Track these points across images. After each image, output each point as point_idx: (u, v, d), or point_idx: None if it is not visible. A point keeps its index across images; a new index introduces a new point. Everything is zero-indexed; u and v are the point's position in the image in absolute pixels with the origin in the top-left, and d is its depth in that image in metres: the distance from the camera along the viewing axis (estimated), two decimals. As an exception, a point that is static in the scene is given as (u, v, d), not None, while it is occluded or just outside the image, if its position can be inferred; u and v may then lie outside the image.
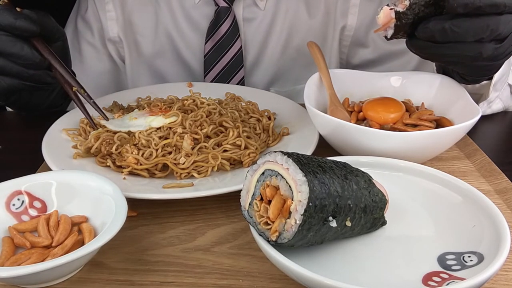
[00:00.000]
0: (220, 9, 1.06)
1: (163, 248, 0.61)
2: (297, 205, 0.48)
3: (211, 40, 1.08)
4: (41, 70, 0.79)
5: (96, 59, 1.16)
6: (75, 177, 0.63)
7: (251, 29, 1.10)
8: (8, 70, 0.77)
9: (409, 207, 0.62)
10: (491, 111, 0.98)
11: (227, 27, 1.07)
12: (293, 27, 1.10)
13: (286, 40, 1.11)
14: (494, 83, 0.86)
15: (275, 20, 1.09)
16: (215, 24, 1.07)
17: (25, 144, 0.85)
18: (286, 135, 0.84)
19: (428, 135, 0.69)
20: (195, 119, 0.80)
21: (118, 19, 1.13)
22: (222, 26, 1.07)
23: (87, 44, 1.16)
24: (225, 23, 1.07)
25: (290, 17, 1.09)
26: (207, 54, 1.09)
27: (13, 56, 0.76)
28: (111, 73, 1.18)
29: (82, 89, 0.82)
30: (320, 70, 0.84)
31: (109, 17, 1.13)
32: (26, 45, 0.76)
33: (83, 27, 1.16)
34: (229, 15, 1.06)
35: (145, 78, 1.16)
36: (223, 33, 1.07)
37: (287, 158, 0.50)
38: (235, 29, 1.07)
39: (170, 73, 1.15)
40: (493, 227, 0.53)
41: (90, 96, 0.82)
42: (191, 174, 0.72)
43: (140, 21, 1.12)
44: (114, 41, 1.15)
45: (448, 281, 0.50)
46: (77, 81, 0.82)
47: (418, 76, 0.85)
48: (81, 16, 1.16)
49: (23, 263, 0.54)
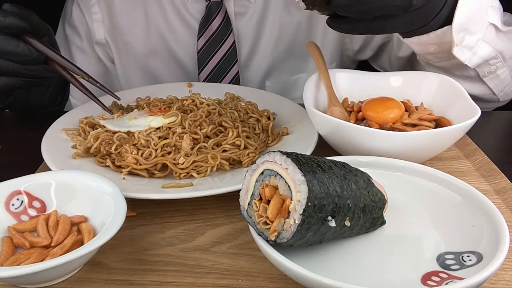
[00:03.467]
0: (211, 4, 1.06)
1: (163, 248, 0.61)
2: (296, 204, 0.48)
3: (203, 36, 1.07)
4: (39, 64, 0.79)
5: (86, 62, 1.15)
6: (75, 177, 0.63)
7: (243, 23, 1.09)
8: (5, 69, 0.77)
9: (408, 207, 0.62)
10: (479, 57, 0.87)
11: (219, 22, 1.06)
12: (285, 18, 1.09)
13: (279, 31, 1.10)
14: (459, 26, 0.78)
15: (267, 13, 1.09)
16: (207, 19, 1.06)
17: (24, 144, 0.85)
18: (285, 135, 0.84)
19: (427, 135, 0.69)
20: (195, 119, 0.80)
21: (104, 21, 1.11)
22: (214, 22, 1.06)
23: (76, 49, 1.15)
24: (216, 18, 1.06)
25: (281, 9, 1.09)
26: (200, 51, 1.08)
27: (9, 54, 0.76)
28: (103, 76, 1.17)
29: (86, 75, 0.81)
30: (319, 70, 0.84)
31: (95, 19, 1.12)
32: (21, 42, 0.76)
33: (71, 33, 1.15)
34: (221, 10, 1.06)
35: (137, 79, 1.15)
36: (215, 29, 1.06)
37: (286, 158, 0.50)
38: (227, 24, 1.07)
39: (163, 72, 1.14)
40: (492, 226, 0.53)
41: (95, 79, 0.82)
42: (191, 174, 0.72)
43: (129, 21, 1.11)
44: (101, 44, 1.14)
45: (447, 280, 0.50)
46: (78, 68, 0.82)
47: (417, 76, 0.85)
48: (68, 21, 1.15)
49: (22, 263, 0.54)
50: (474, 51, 0.86)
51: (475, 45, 0.85)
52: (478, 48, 0.86)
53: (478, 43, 0.85)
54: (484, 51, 0.87)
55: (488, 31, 0.85)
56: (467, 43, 0.83)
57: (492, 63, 0.90)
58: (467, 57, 0.85)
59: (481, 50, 0.86)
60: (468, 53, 0.85)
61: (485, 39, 0.85)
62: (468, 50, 0.85)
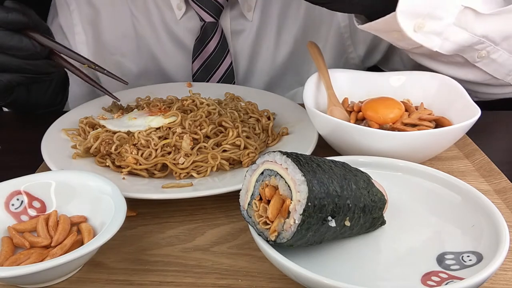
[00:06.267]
0: (207, 25, 1.01)
1: (162, 248, 0.61)
2: (296, 205, 0.48)
3: (198, 58, 1.03)
4: (42, 59, 0.79)
5: (75, 84, 1.11)
6: (74, 177, 0.63)
7: (240, 42, 1.06)
8: (7, 65, 0.77)
9: (408, 207, 0.62)
10: (453, 43, 0.78)
11: (216, 43, 1.02)
12: (281, 33, 1.07)
13: (275, 48, 1.08)
14: (410, 12, 0.72)
15: (264, 30, 1.06)
16: (202, 41, 1.02)
17: (24, 144, 0.85)
18: (285, 135, 0.84)
19: (427, 134, 0.69)
20: (195, 119, 0.80)
21: (88, 42, 1.08)
22: (210, 43, 1.02)
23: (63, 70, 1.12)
24: (213, 39, 1.01)
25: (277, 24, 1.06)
26: (196, 74, 1.04)
27: (13, 49, 0.76)
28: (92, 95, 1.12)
29: (92, 63, 0.81)
30: (319, 70, 0.84)
31: (78, 40, 1.08)
32: (24, 37, 0.76)
33: None
34: (217, 31, 1.01)
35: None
36: (212, 50, 1.02)
37: (286, 158, 0.50)
38: (224, 44, 1.03)
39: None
40: (492, 226, 0.53)
41: (101, 67, 0.81)
42: (191, 174, 0.72)
43: (117, 39, 1.07)
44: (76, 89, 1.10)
45: (447, 280, 0.50)
46: (84, 57, 0.81)
47: (417, 76, 0.85)
48: None
49: (22, 263, 0.54)
50: (445, 36, 0.77)
51: (445, 30, 0.76)
52: (450, 34, 0.77)
53: (449, 29, 0.76)
54: (460, 37, 0.78)
55: (464, 15, 0.76)
56: (432, 29, 0.75)
57: (479, 48, 0.81)
58: (437, 44, 0.77)
59: (454, 36, 0.78)
60: (437, 39, 0.77)
61: (460, 24, 0.76)
62: (436, 36, 0.77)
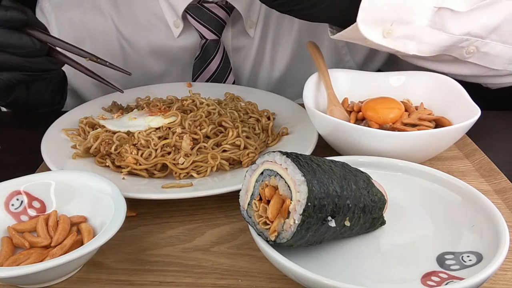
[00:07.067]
0: (209, 43, 0.99)
1: (162, 248, 0.61)
2: (296, 205, 0.48)
3: (200, 78, 1.01)
4: (42, 56, 0.79)
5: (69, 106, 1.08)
6: (74, 177, 0.63)
7: (240, 58, 1.05)
8: (7, 63, 0.77)
9: (408, 207, 0.62)
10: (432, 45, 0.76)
11: (218, 62, 0.99)
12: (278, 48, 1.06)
13: (274, 63, 1.07)
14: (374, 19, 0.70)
15: (263, 45, 1.05)
16: (204, 59, 0.99)
17: (24, 144, 0.85)
18: (285, 135, 0.84)
19: (427, 135, 0.69)
20: (195, 119, 0.80)
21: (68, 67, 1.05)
22: (212, 62, 0.99)
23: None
24: (215, 58, 0.99)
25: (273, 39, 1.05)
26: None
27: (13, 47, 0.75)
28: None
29: (94, 56, 0.80)
30: (319, 70, 0.84)
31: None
32: (23, 35, 0.76)
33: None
34: (219, 49, 0.99)
35: None
36: (215, 69, 1.00)
37: (286, 158, 0.50)
38: (227, 62, 1.01)
39: None
40: (492, 227, 0.53)
41: (104, 59, 0.80)
42: (190, 174, 0.72)
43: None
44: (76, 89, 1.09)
45: (447, 280, 0.50)
46: (85, 51, 0.80)
47: (417, 76, 0.85)
48: None
49: (22, 263, 0.54)
50: (420, 40, 0.74)
51: (417, 33, 0.74)
52: (425, 36, 0.74)
53: (423, 31, 0.74)
54: (437, 38, 0.75)
55: (439, 16, 0.73)
56: (403, 33, 0.73)
57: (464, 45, 0.78)
58: (412, 47, 0.75)
59: (430, 38, 0.75)
60: (411, 43, 0.74)
61: (435, 26, 0.74)
62: (409, 40, 0.74)
